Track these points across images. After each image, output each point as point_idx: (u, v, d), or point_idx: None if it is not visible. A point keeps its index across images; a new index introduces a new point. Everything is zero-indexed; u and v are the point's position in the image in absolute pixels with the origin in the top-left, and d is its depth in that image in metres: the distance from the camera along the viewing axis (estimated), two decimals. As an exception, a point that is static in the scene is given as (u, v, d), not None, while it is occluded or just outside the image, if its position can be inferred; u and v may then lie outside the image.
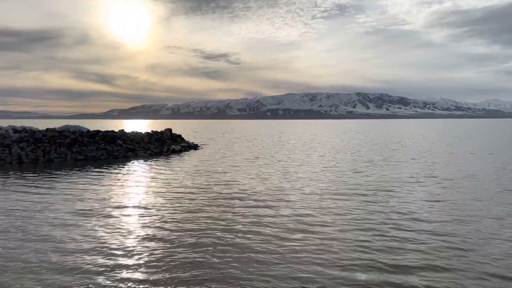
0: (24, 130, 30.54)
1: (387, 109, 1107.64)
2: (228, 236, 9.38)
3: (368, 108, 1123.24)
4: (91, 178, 18.36)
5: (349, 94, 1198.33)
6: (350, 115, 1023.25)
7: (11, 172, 20.55)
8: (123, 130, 34.71)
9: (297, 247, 8.52)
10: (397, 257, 7.95)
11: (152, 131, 36.73)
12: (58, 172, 20.63)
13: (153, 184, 16.91)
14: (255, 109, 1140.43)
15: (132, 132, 34.27)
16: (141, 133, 34.65)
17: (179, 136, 38.43)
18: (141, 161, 26.38)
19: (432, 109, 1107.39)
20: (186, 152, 32.88)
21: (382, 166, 22.34)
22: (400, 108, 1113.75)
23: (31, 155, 25.81)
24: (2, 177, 18.73)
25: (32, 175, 19.52)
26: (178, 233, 9.63)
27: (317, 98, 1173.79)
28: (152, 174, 19.77)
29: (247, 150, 34.42)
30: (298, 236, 9.34)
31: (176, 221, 10.71)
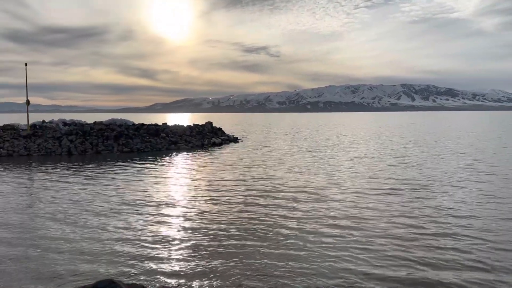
0: (73, 123, 32.08)
1: (434, 101, 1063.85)
2: (266, 230, 9.38)
3: (413, 100, 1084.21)
4: (136, 170, 19.00)
5: (393, 85, 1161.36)
6: (394, 107, 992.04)
7: (61, 163, 21.66)
8: (166, 123, 35.65)
9: (336, 244, 8.35)
10: (442, 256, 7.62)
11: (193, 124, 37.42)
12: (106, 163, 21.50)
13: (193, 176, 17.24)
14: (295, 102, 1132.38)
15: (175, 126, 35.09)
16: (183, 126, 35.40)
17: (220, 129, 38.91)
18: (183, 153, 26.96)
19: (482, 101, 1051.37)
20: (226, 145, 33.25)
21: (429, 161, 21.51)
22: (447, 99, 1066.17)
23: (80, 147, 27.07)
24: (53, 168, 19.78)
25: (80, 166, 20.48)
26: (216, 225, 9.74)
27: (359, 90, 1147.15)
28: (193, 167, 20.15)
29: (287, 144, 34.29)
30: (338, 232, 9.18)
31: (214, 213, 10.85)
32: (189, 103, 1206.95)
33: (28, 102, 30.69)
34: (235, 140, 37.84)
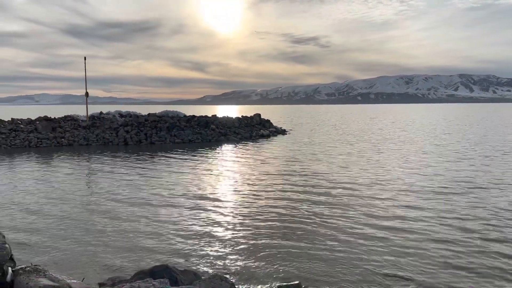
0: (129, 115, 33.57)
1: (494, 92, 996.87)
2: (307, 228, 9.33)
3: (472, 91, 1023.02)
4: (187, 161, 19.58)
5: (450, 76, 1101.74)
6: (451, 99, 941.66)
7: (118, 153, 22.79)
8: (215, 115, 36.33)
9: (380, 246, 8.12)
10: (489, 263, 7.21)
11: (242, 116, 37.82)
12: (159, 154, 22.35)
13: (240, 168, 17.48)
14: (345, 93, 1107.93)
15: (224, 117, 35.67)
16: (231, 118, 35.90)
17: (268, 121, 39.04)
18: (232, 145, 27.38)
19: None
20: (274, 137, 33.31)
21: (489, 158, 20.30)
22: (509, 91, 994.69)
23: (135, 138, 28.32)
24: (112, 158, 20.86)
25: (136, 156, 21.43)
26: (261, 220, 9.83)
27: (413, 81, 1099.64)
28: (240, 159, 20.42)
29: (335, 137, 33.72)
30: (382, 233, 8.94)
31: (260, 206, 10.96)
32: (237, 95, 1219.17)
33: (87, 94, 32.49)
34: (283, 132, 37.81)
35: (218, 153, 22.92)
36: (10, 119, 30.95)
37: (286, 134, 36.93)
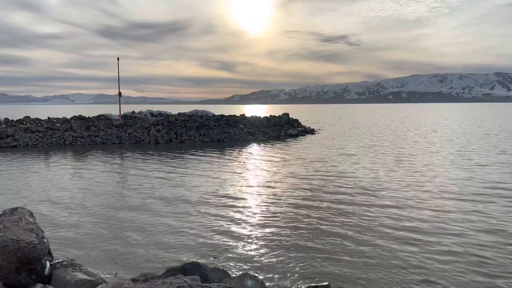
0: (160, 114, 34.24)
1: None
2: (338, 229, 9.21)
3: (509, 90, 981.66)
4: (216, 160, 19.76)
5: (486, 74, 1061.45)
6: (487, 98, 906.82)
7: (149, 152, 23.27)
8: (243, 114, 36.51)
9: (412, 254, 7.91)
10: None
11: (270, 115, 37.80)
12: (188, 152, 22.66)
13: (269, 167, 17.47)
14: (375, 92, 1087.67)
15: (252, 117, 35.77)
16: (260, 117, 35.95)
17: (296, 120, 38.86)
18: (260, 144, 27.42)
19: None
20: (302, 137, 33.12)
21: (527, 157, 19.42)
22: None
23: (166, 137, 28.85)
24: (143, 156, 21.33)
25: (166, 155, 21.81)
26: (288, 219, 9.79)
27: (447, 79, 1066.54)
28: (269, 158, 20.41)
29: (365, 137, 33.16)
30: (414, 239, 8.71)
31: (287, 206, 10.91)
32: (266, 95, 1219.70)
33: (120, 94, 33.35)
34: (311, 131, 37.54)
35: (246, 152, 23.01)
36: (46, 118, 32.21)
37: (314, 133, 36.64)
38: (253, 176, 15.32)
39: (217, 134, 29.92)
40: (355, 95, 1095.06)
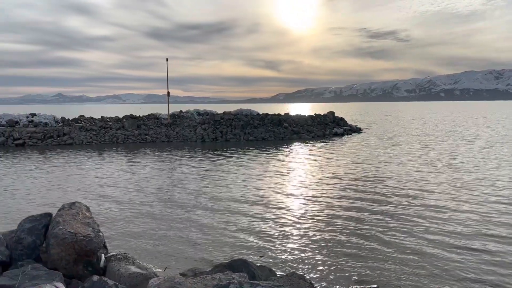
0: (206, 113, 34.93)
1: None
2: (384, 231, 8.92)
3: None
4: (260, 158, 19.84)
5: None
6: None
7: (196, 150, 23.79)
8: (288, 113, 36.38)
9: (461, 265, 7.50)
10: None
11: (315, 114, 37.40)
12: (233, 150, 22.93)
13: (313, 167, 17.29)
14: (426, 89, 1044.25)
15: (296, 115, 35.57)
16: (304, 116, 35.66)
17: (342, 119, 38.16)
18: (304, 143, 27.21)
19: None
20: (349, 136, 32.48)
21: None
22: None
23: (211, 135, 29.38)
24: (190, 154, 21.85)
25: (212, 153, 22.20)
26: (333, 220, 9.62)
27: (503, 76, 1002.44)
28: (314, 157, 20.20)
29: (414, 137, 31.91)
30: (461, 242, 8.25)
31: (332, 207, 10.73)
32: (310, 93, 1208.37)
33: (168, 93, 34.37)
34: (358, 130, 36.72)
35: (290, 151, 22.91)
36: (100, 117, 33.82)
37: (361, 132, 35.81)
38: (296, 176, 15.23)
39: (262, 133, 30.04)
40: (405, 93, 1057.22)
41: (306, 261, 7.05)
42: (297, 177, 14.95)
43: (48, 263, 4.32)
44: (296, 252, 7.48)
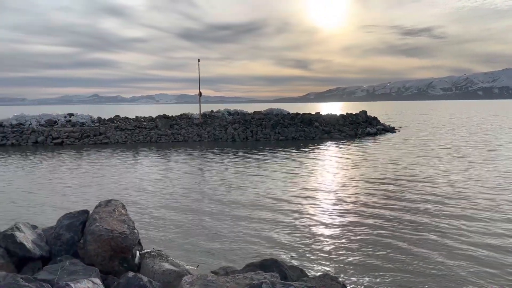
0: (236, 113, 35.14)
1: None
2: (420, 235, 8.65)
3: None
4: (291, 158, 19.75)
5: None
6: None
7: (227, 149, 23.97)
8: (318, 112, 36.03)
9: (500, 265, 7.16)
10: None
11: (346, 113, 36.86)
12: (263, 150, 22.94)
13: (345, 167, 17.04)
14: (463, 88, 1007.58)
15: (327, 115, 35.18)
16: (335, 115, 35.22)
17: (375, 118, 37.41)
18: (335, 143, 26.85)
19: None
20: (382, 135, 31.79)
21: None
22: None
23: (242, 135, 29.52)
24: (221, 153, 22.03)
25: (242, 152, 22.30)
26: (367, 222, 9.42)
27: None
28: (345, 157, 19.90)
29: (450, 137, 30.82)
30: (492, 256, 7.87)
31: (366, 208, 10.52)
32: (341, 92, 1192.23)
33: (200, 94, 34.81)
34: (391, 130, 35.88)
35: (321, 151, 22.67)
36: (134, 117, 34.69)
37: (395, 132, 34.98)
38: (327, 176, 15.05)
39: (292, 133, 29.90)
40: (441, 91, 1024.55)
41: (336, 262, 6.94)
42: (328, 177, 14.77)
43: (85, 258, 4.45)
44: (326, 253, 7.38)
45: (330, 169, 16.52)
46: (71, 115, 33.23)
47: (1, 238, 4.46)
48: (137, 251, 4.50)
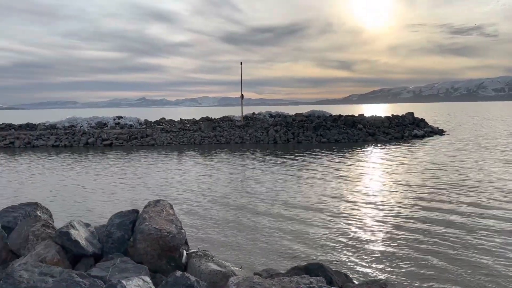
0: (278, 115, 35.08)
1: None
2: (464, 243, 8.20)
3: None
4: (333, 161, 19.46)
5: None
6: None
7: (268, 151, 24.00)
8: (362, 114, 35.23)
9: None
10: None
11: (392, 115, 35.80)
12: (305, 153, 22.76)
13: (390, 171, 16.54)
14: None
15: (371, 117, 34.33)
16: (380, 117, 34.30)
17: (422, 120, 36.08)
18: (380, 145, 26.14)
19: None
20: (430, 138, 30.59)
21: None
22: None
23: (283, 137, 29.46)
24: (262, 155, 22.10)
25: (284, 154, 22.23)
26: (414, 229, 9.08)
27: None
28: (391, 161, 19.32)
29: (502, 141, 29.01)
30: None
31: (412, 215, 10.14)
32: (386, 93, 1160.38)
33: (242, 96, 35.12)
34: (440, 132, 34.44)
35: (365, 154, 22.15)
36: (179, 119, 35.57)
37: (444, 134, 33.54)
38: (371, 180, 14.68)
39: (335, 135, 29.44)
40: (492, 92, 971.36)
41: (379, 270, 6.74)
42: (371, 181, 14.39)
43: (135, 256, 4.60)
44: (368, 259, 7.19)
45: (374, 172, 16.10)
46: (119, 117, 34.61)
47: (57, 235, 4.70)
48: (184, 251, 4.59)
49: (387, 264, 6.93)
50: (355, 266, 6.86)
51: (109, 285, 3.44)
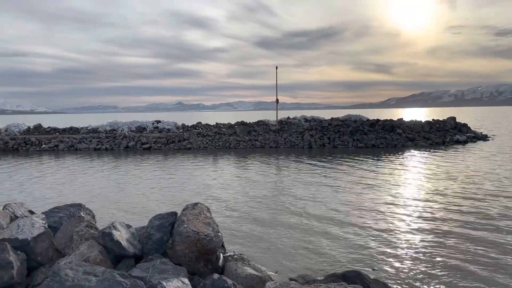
0: (313, 119, 34.84)
1: None
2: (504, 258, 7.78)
3: None
4: (371, 166, 19.06)
5: None
6: None
7: (303, 156, 23.85)
8: (401, 118, 34.33)
9: None
10: None
11: (432, 119, 34.66)
12: (341, 158, 22.43)
13: (429, 178, 15.97)
14: None
15: (411, 121, 33.39)
16: (420, 121, 33.29)
17: (465, 125, 34.69)
18: (420, 151, 25.33)
19: None
20: (473, 144, 29.33)
21: None
22: None
23: (319, 142, 29.18)
24: (297, 160, 21.99)
25: (319, 159, 22.02)
26: (455, 240, 8.72)
27: None
28: (430, 167, 18.65)
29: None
30: None
31: (453, 226, 9.74)
32: (426, 97, 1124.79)
33: (277, 100, 35.14)
34: (483, 138, 32.96)
35: (404, 159, 21.53)
36: (215, 124, 36.08)
37: (488, 140, 32.07)
38: (413, 187, 14.24)
39: (372, 140, 28.84)
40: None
41: (419, 280, 6.52)
42: (411, 189, 13.95)
43: (173, 258, 4.71)
44: (407, 269, 6.97)
45: (414, 179, 15.61)
46: (158, 122, 35.54)
47: (100, 235, 4.89)
48: (221, 254, 4.65)
49: (424, 276, 6.70)
50: (392, 276, 6.68)
51: (150, 286, 3.55)
